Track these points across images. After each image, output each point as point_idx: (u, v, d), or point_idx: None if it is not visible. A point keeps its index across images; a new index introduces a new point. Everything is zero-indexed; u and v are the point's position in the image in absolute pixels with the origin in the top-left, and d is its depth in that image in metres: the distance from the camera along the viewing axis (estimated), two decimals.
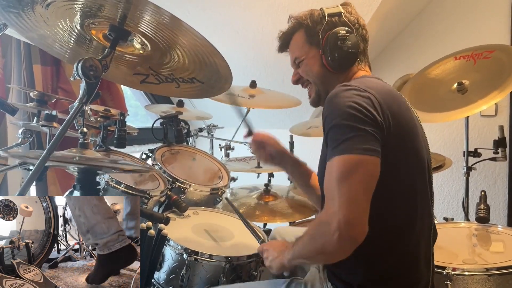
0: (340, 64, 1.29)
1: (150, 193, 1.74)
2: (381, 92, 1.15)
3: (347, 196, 1.03)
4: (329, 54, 1.27)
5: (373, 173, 1.07)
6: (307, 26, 1.32)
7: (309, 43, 1.32)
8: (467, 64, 2.26)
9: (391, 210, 1.15)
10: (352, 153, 1.05)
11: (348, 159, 1.05)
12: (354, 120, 1.07)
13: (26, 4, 1.18)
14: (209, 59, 1.39)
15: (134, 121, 3.95)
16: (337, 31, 1.26)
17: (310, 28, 1.31)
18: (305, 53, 1.34)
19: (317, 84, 1.37)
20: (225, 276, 1.53)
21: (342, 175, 1.05)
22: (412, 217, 1.19)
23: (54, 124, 1.88)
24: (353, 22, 1.29)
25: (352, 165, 1.05)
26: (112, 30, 1.26)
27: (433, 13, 3.07)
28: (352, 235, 1.02)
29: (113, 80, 2.42)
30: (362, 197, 1.04)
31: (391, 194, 1.15)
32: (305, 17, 1.33)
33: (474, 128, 2.93)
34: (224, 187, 2.11)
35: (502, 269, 1.47)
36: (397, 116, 1.14)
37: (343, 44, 1.25)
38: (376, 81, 1.25)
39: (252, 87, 2.65)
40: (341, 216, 1.01)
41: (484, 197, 2.00)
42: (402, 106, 1.20)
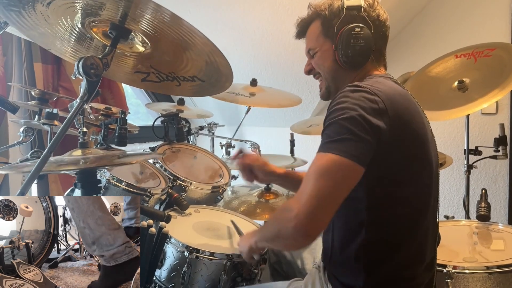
0: (353, 62, 1.24)
1: (151, 191, 1.74)
2: (392, 97, 1.12)
3: (317, 192, 1.02)
4: (341, 50, 1.22)
5: (352, 181, 1.05)
6: (325, 17, 1.27)
7: (325, 35, 1.27)
8: (468, 62, 2.26)
9: (394, 216, 1.14)
10: (339, 155, 1.03)
11: (332, 158, 1.03)
12: (354, 124, 1.05)
13: (27, 2, 1.18)
14: (210, 58, 1.39)
15: (135, 119, 3.95)
16: (352, 28, 1.20)
17: (327, 19, 1.26)
18: (320, 45, 1.30)
19: (328, 79, 1.33)
20: (226, 274, 1.53)
21: (321, 172, 1.03)
22: (415, 223, 1.18)
23: (55, 122, 1.88)
24: (373, 18, 1.23)
25: (334, 165, 1.03)
26: (113, 28, 1.25)
27: (434, 11, 3.06)
28: (306, 228, 1.01)
29: (114, 79, 2.42)
30: (331, 199, 1.03)
31: (395, 201, 1.13)
32: (324, 7, 1.28)
33: (475, 126, 2.92)
34: (225, 185, 2.12)
35: (503, 267, 1.47)
36: (406, 122, 1.12)
37: (356, 42, 1.20)
38: (389, 83, 1.21)
39: (252, 85, 2.65)
40: (304, 207, 1.01)
41: (485, 195, 2.00)
42: (412, 111, 1.17)
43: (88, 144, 1.43)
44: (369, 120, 1.05)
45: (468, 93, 2.18)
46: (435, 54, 2.45)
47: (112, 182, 1.68)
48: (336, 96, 1.13)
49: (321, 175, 1.03)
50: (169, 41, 1.32)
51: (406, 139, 1.12)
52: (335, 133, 1.06)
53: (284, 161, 2.68)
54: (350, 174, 1.04)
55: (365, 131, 1.04)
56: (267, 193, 2.45)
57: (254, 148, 2.60)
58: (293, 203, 1.05)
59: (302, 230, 1.02)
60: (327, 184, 1.02)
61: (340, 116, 1.07)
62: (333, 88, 1.32)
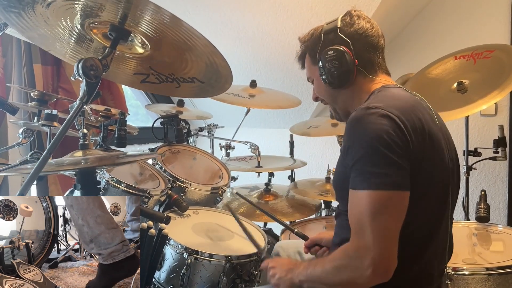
0: (338, 82, 1.27)
1: (151, 192, 1.74)
2: (405, 110, 1.12)
3: (381, 232, 1.04)
4: (324, 75, 1.28)
5: (404, 208, 1.07)
6: (309, 48, 1.34)
7: (313, 63, 1.33)
8: (467, 64, 2.26)
9: (407, 231, 1.12)
10: (385, 189, 1.04)
11: (380, 195, 1.04)
12: (383, 151, 1.05)
13: (27, 3, 1.18)
14: (209, 59, 1.39)
15: (134, 121, 3.95)
16: (325, 52, 1.25)
17: (311, 49, 1.32)
18: (313, 73, 1.36)
19: (330, 102, 1.37)
20: (225, 275, 1.53)
21: (375, 211, 1.04)
22: (427, 238, 1.18)
23: (55, 123, 1.88)
24: (351, 34, 1.25)
25: (385, 201, 1.04)
26: (112, 29, 1.26)
27: (433, 12, 3.07)
28: (386, 270, 1.04)
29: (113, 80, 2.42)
30: (394, 233, 1.05)
31: (408, 217, 1.11)
32: (307, 38, 1.34)
33: (474, 128, 2.93)
34: (224, 186, 2.12)
35: (502, 268, 1.47)
36: (422, 133, 1.12)
37: (332, 65, 1.24)
38: (398, 94, 1.21)
39: (252, 86, 2.65)
40: (376, 252, 1.02)
41: (484, 196, 2.00)
42: (426, 119, 1.17)
43: (88, 145, 1.43)
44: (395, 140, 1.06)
45: (468, 94, 2.18)
46: (434, 55, 2.45)
47: (111, 183, 1.68)
48: (351, 120, 1.13)
49: (376, 215, 1.04)
50: (169, 42, 1.32)
51: (422, 152, 1.11)
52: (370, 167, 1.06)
53: (283, 162, 2.68)
54: (400, 202, 1.07)
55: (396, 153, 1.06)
56: (267, 194, 2.45)
57: (254, 150, 2.60)
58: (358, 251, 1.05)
59: (382, 273, 1.04)
60: (386, 221, 1.04)
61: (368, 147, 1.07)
62: (340, 109, 1.36)
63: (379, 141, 1.05)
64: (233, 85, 1.64)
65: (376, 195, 1.04)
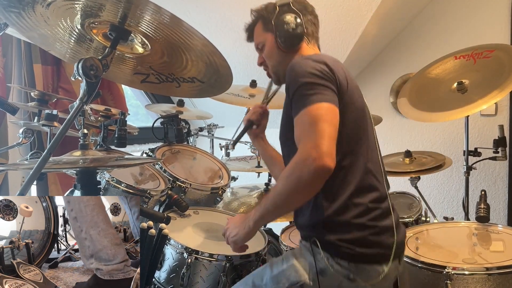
0: (291, 43, 1.47)
1: (151, 192, 1.74)
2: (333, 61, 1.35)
3: (321, 133, 1.18)
4: (279, 36, 1.47)
5: (337, 120, 1.25)
6: (263, 16, 1.52)
7: (266, 30, 1.52)
8: (467, 64, 2.26)
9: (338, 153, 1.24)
10: (322, 101, 1.23)
11: (317, 107, 1.22)
12: (316, 78, 1.26)
13: (27, 3, 1.18)
14: (209, 59, 1.39)
15: (134, 121, 3.95)
16: (283, 17, 1.47)
17: (266, 17, 1.51)
18: (264, 38, 1.53)
19: (275, 65, 1.55)
20: (225, 275, 1.53)
21: (316, 118, 1.20)
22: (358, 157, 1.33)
23: (55, 123, 1.88)
24: (299, 9, 1.48)
25: (323, 109, 1.22)
26: (112, 29, 1.26)
27: (433, 12, 3.07)
28: (327, 164, 1.15)
29: (113, 80, 2.42)
30: (333, 136, 1.20)
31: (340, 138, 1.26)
32: (262, 9, 1.54)
33: (474, 128, 2.93)
34: (224, 186, 2.12)
35: (502, 268, 1.47)
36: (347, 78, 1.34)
37: (288, 27, 1.45)
38: (326, 55, 1.43)
39: (252, 86, 2.65)
40: (320, 147, 1.15)
41: (484, 196, 2.00)
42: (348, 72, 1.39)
43: (88, 145, 1.43)
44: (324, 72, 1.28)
45: (468, 94, 2.18)
46: (434, 55, 2.46)
47: (111, 183, 1.68)
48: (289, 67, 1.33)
49: (317, 121, 1.20)
50: (169, 42, 1.33)
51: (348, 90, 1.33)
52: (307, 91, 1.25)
53: None
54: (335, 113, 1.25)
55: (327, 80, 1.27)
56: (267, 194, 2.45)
57: (254, 150, 2.60)
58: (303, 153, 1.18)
59: (325, 165, 1.14)
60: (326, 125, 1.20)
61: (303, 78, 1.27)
62: (281, 71, 1.52)
63: (312, 71, 1.27)
64: (233, 85, 1.64)
65: (314, 107, 1.23)
